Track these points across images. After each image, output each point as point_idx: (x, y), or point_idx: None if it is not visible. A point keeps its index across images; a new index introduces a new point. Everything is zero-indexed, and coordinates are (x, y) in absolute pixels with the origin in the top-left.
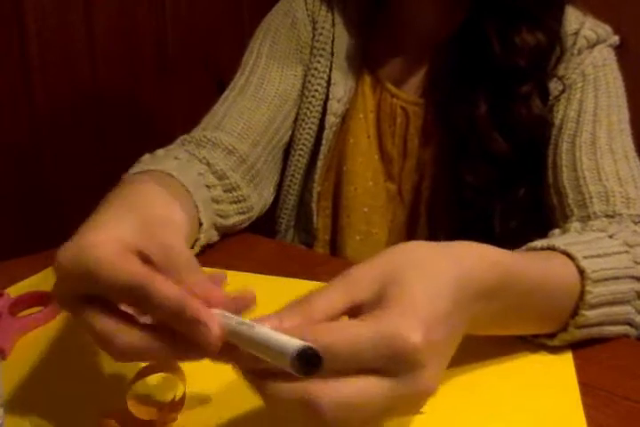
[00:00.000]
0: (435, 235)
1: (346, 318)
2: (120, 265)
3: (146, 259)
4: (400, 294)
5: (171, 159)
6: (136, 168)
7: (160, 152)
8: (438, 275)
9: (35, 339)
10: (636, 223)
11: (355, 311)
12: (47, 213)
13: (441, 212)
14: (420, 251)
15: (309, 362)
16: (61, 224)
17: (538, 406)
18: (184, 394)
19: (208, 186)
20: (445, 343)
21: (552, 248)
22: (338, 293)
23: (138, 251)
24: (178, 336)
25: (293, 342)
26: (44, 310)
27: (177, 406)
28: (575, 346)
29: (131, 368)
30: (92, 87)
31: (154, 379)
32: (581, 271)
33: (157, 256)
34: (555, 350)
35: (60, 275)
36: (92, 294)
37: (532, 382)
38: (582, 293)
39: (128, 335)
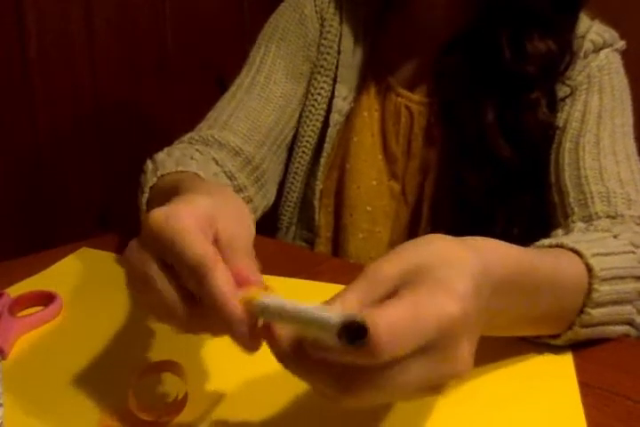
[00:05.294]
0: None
1: None
2: (195, 241)
3: (215, 236)
4: (427, 277)
5: (188, 159)
6: (163, 169)
7: (176, 152)
8: (461, 264)
9: (35, 339)
10: (637, 224)
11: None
12: (47, 213)
13: (444, 212)
14: (440, 244)
15: (355, 334)
16: (61, 224)
17: (538, 405)
18: (186, 394)
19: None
20: (476, 322)
21: (560, 246)
22: (359, 294)
23: (214, 228)
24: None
25: (337, 314)
26: (44, 310)
27: (179, 406)
28: (575, 346)
29: (132, 368)
30: (91, 87)
31: (156, 379)
32: (589, 269)
33: (224, 238)
34: (555, 349)
35: (145, 235)
36: (164, 262)
37: (532, 382)
38: (589, 290)
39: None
